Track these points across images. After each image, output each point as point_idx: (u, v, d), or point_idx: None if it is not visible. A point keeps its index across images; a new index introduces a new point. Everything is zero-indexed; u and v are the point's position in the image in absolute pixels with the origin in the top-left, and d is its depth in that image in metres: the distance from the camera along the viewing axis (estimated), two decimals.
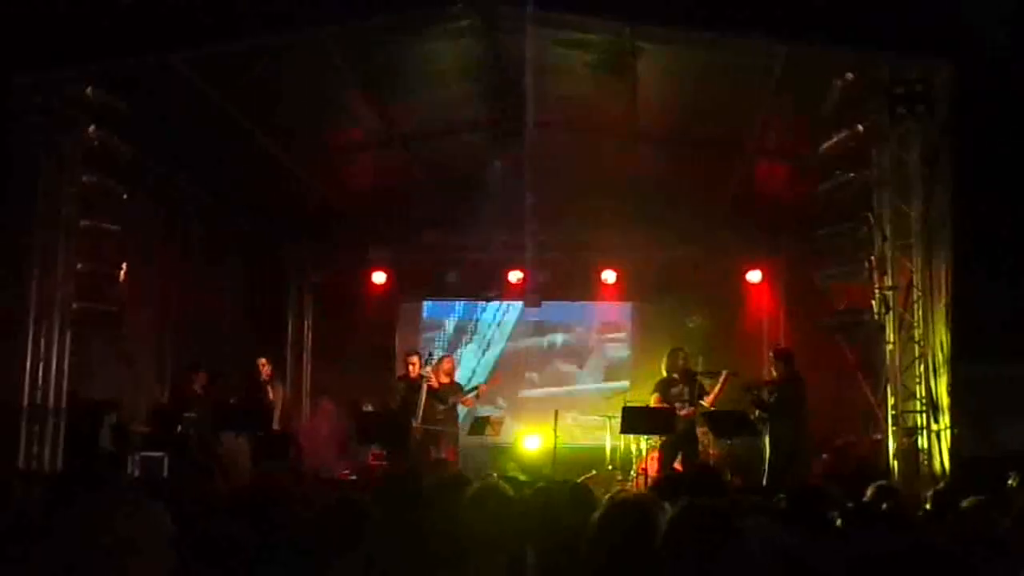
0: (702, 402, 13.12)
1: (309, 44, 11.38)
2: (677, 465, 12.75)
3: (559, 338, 17.83)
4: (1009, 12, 11.10)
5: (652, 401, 13.46)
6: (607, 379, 17.41)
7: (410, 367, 14.20)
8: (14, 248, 11.25)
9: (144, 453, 12.28)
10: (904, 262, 11.04)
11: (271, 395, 14.28)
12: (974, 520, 5.63)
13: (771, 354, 13.53)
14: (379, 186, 16.17)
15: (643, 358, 16.83)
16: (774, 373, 13.08)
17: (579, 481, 7.58)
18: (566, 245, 16.47)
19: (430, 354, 14.73)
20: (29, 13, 10.45)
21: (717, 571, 3.73)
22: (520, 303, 16.96)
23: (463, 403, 14.57)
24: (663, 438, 13.06)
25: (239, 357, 15.41)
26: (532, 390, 17.46)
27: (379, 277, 16.93)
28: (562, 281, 16.55)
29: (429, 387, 13.92)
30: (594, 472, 13.83)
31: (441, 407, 14.05)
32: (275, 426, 14.07)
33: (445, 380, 14.55)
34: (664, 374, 13.43)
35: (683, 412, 13.03)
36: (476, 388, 14.75)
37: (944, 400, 10.72)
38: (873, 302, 11.38)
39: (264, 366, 14.38)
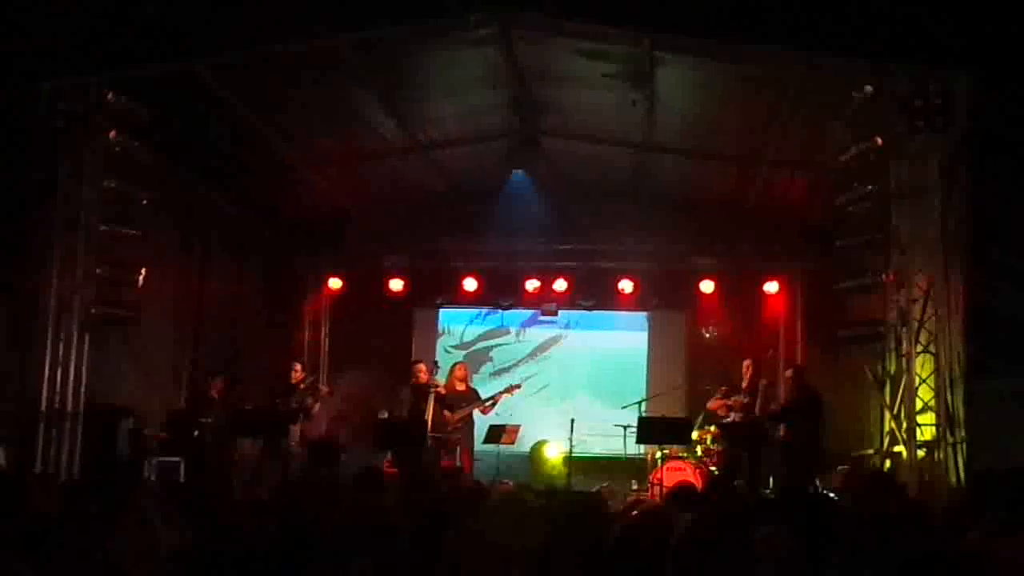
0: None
1: (329, 53, 11.43)
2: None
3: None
4: None
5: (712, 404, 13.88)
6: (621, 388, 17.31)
7: (418, 375, 14.07)
8: (34, 252, 11.33)
9: (161, 458, 12.33)
10: (921, 275, 11.01)
11: (311, 397, 14.38)
12: (990, 533, 5.62)
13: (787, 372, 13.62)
14: (396, 194, 16.22)
15: (659, 368, 16.81)
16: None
17: (595, 491, 7.60)
18: (583, 254, 16.50)
19: (435, 362, 14.74)
20: (54, 20, 10.52)
21: None
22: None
23: (481, 411, 14.37)
24: (724, 447, 13.32)
25: (256, 363, 15.44)
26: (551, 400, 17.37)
27: (395, 284, 16.92)
28: (579, 290, 16.61)
29: (437, 394, 13.84)
30: (607, 484, 13.80)
31: (451, 415, 13.92)
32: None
33: (460, 387, 14.50)
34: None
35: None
36: (493, 397, 14.56)
37: (960, 413, 10.69)
38: (890, 314, 11.36)
39: (298, 372, 14.46)
